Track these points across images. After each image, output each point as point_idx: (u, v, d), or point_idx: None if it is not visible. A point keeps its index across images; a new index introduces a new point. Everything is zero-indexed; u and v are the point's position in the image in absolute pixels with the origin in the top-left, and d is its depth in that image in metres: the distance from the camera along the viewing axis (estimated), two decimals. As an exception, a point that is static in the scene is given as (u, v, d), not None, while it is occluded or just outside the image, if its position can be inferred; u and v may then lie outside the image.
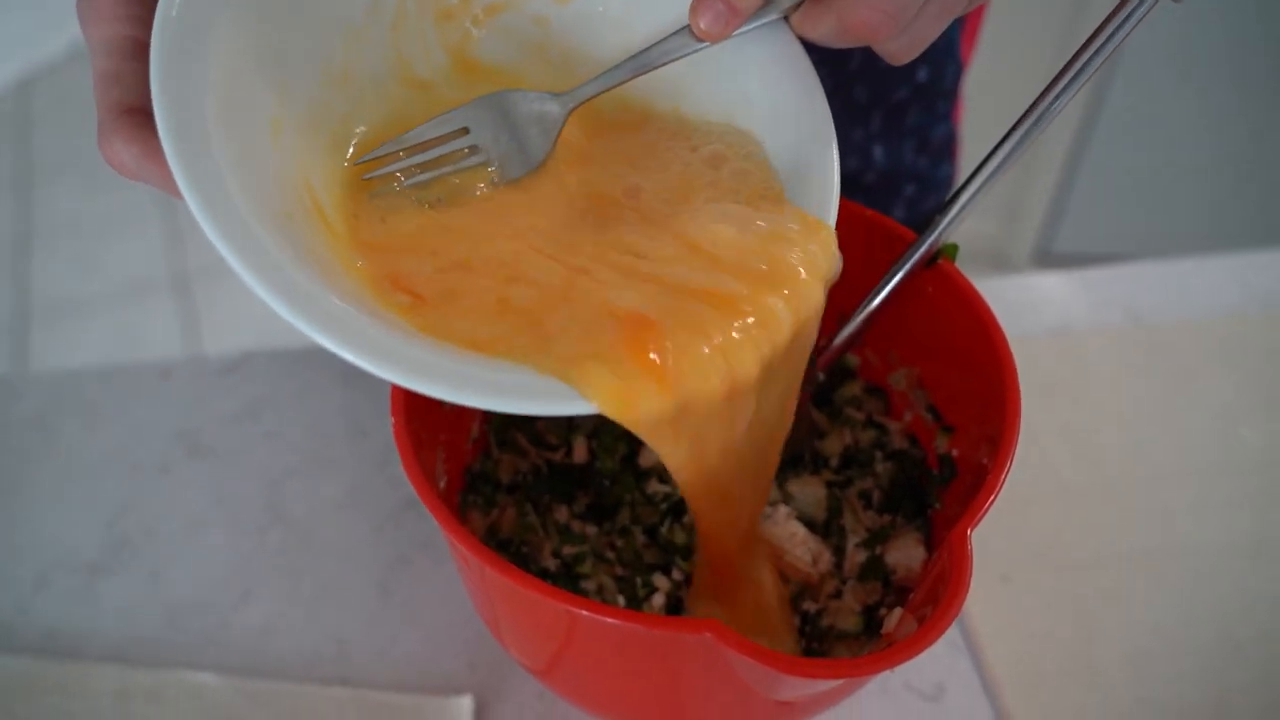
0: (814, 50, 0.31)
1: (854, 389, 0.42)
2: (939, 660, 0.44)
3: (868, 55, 0.48)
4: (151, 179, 0.27)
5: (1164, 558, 0.48)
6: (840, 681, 0.28)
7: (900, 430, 0.41)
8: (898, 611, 0.30)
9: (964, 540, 0.27)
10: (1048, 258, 1.83)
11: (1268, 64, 1.51)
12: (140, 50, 0.26)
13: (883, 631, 0.32)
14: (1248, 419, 0.54)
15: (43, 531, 0.51)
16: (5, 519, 0.51)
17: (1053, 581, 0.47)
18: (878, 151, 0.53)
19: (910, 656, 0.24)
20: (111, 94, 0.27)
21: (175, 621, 0.47)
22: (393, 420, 0.32)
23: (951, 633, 0.45)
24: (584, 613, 0.26)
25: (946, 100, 0.55)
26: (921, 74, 0.51)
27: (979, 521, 0.27)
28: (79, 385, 0.58)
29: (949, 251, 0.35)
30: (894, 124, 0.53)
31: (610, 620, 0.26)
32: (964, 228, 0.33)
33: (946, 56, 0.52)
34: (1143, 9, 0.30)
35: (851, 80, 0.47)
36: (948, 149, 0.58)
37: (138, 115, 0.26)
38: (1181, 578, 0.47)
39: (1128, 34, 0.30)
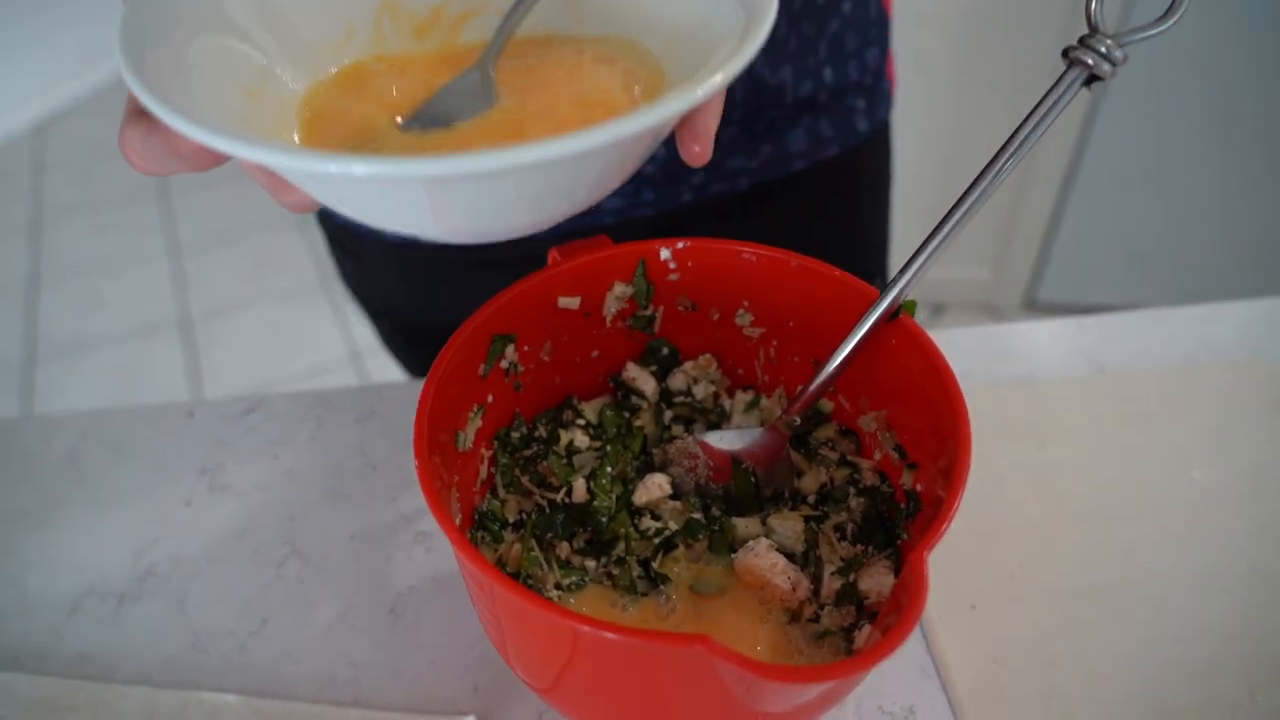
0: None
1: (829, 431, 0.46)
2: (910, 684, 0.47)
3: None
4: (156, 158, 0.32)
5: (1120, 590, 0.51)
6: (820, 689, 0.31)
7: (871, 468, 0.44)
8: (867, 628, 0.33)
9: (921, 562, 0.30)
10: (1035, 305, 1.89)
11: (1240, 125, 1.58)
12: None
13: (854, 647, 0.36)
14: (1199, 461, 0.58)
15: (75, 561, 0.54)
16: (41, 550, 0.55)
17: (1017, 611, 0.50)
18: (827, 72, 0.64)
19: (877, 661, 0.28)
20: (129, 105, 0.32)
21: (199, 646, 0.50)
22: (415, 462, 0.35)
23: (922, 659, 0.48)
24: (585, 628, 0.30)
25: (877, 26, 0.67)
26: (846, 6, 0.63)
27: (934, 545, 0.31)
28: (108, 423, 0.62)
29: (908, 307, 0.39)
30: (837, 51, 0.64)
31: (608, 635, 0.30)
32: (958, 278, 0.37)
33: None
34: (1074, 89, 0.34)
35: (798, 19, 0.61)
36: (883, 68, 0.70)
37: (146, 114, 0.32)
38: (1136, 608, 0.50)
39: (1052, 122, 0.35)
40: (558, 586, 0.42)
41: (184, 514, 0.56)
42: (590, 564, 0.43)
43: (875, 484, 0.44)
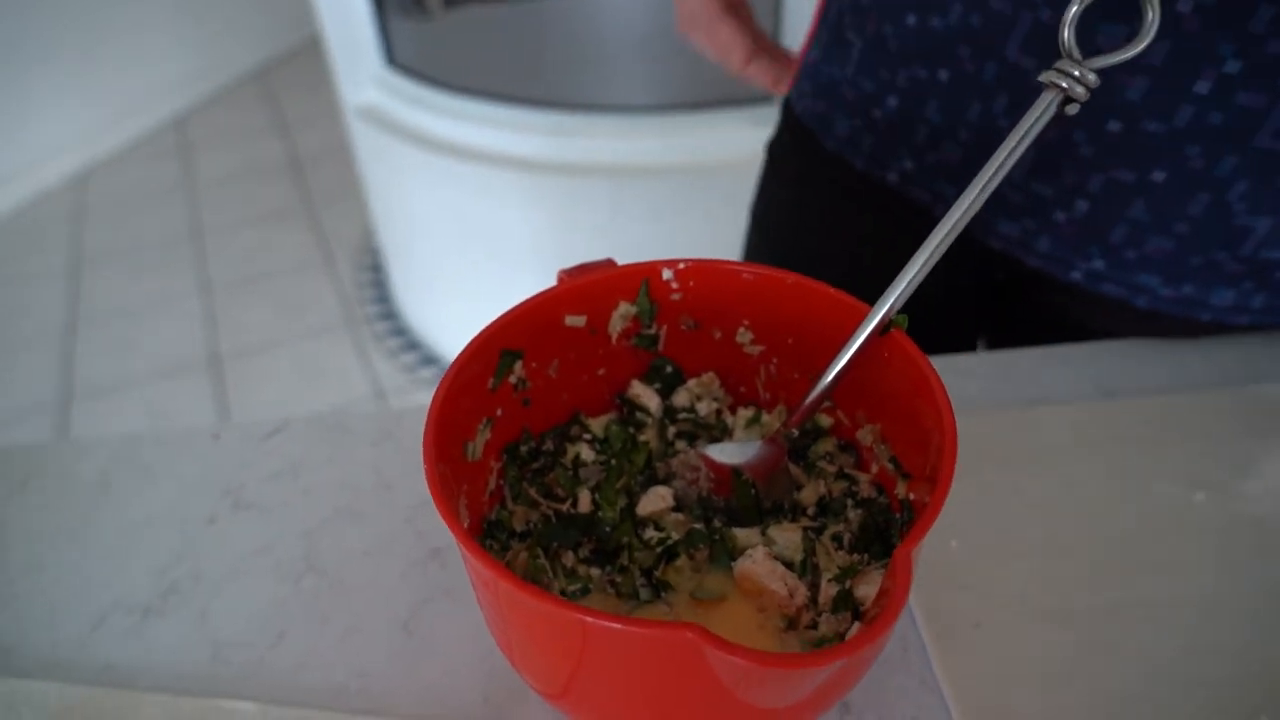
0: None
1: (828, 445, 0.48)
2: (912, 697, 0.47)
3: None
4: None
5: (1124, 610, 0.52)
6: (806, 679, 0.32)
7: (869, 481, 0.45)
8: (856, 625, 0.34)
9: (907, 558, 0.31)
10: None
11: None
12: None
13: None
14: (1202, 484, 0.58)
15: (102, 577, 0.56)
16: (69, 566, 0.57)
17: (1021, 631, 0.51)
18: None
19: (858, 649, 0.29)
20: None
21: (219, 657, 0.51)
22: (425, 466, 0.37)
23: (925, 675, 0.49)
24: (582, 616, 0.31)
25: None
26: None
27: (919, 542, 0.32)
28: (136, 447, 0.64)
29: (899, 322, 0.40)
30: None
31: (604, 623, 0.31)
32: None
33: None
34: (1049, 111, 0.36)
35: None
36: None
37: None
38: (1139, 628, 0.51)
39: (1037, 133, 0.37)
40: (563, 594, 0.43)
41: (207, 532, 0.58)
42: (594, 572, 0.44)
43: (873, 496, 0.45)
